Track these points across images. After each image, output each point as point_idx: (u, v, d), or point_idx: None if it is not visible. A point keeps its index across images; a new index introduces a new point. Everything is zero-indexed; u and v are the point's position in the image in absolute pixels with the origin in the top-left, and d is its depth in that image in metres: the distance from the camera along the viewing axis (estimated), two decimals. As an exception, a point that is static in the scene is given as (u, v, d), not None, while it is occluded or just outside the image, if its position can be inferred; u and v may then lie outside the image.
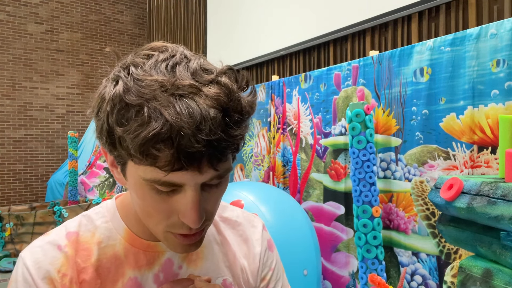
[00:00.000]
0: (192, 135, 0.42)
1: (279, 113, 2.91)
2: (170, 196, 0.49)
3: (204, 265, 0.64)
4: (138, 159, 0.45)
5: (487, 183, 1.10)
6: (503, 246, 1.04)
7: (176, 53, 0.49)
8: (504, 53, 1.63)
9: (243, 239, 0.69)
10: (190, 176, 0.46)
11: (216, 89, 0.45)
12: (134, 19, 7.21)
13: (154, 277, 0.60)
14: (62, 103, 6.53)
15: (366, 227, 1.96)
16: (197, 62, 0.48)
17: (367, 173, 1.99)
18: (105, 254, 0.59)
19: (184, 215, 0.49)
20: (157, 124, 0.42)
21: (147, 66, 0.47)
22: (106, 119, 0.46)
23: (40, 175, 6.38)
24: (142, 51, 0.50)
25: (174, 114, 0.42)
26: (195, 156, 0.43)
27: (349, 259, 2.31)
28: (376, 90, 2.18)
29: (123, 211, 0.62)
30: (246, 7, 4.19)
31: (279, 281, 0.71)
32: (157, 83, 0.44)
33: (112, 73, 0.49)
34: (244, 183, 2.42)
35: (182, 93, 0.44)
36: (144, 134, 0.42)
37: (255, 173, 3.11)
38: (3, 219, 4.16)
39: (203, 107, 0.43)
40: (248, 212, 0.74)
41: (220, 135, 0.44)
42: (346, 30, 2.96)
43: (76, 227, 0.60)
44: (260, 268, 0.68)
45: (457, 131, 1.80)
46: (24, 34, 6.27)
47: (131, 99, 0.44)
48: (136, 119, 0.43)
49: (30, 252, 0.57)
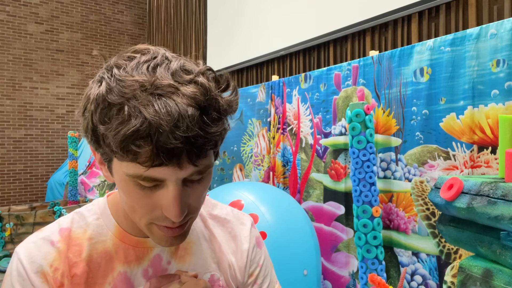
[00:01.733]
0: (170, 132, 0.44)
1: (279, 113, 2.91)
2: (153, 191, 0.51)
3: (192, 260, 0.66)
4: (120, 155, 0.47)
5: (487, 183, 1.10)
6: (503, 246, 1.04)
7: (157, 55, 0.51)
8: (504, 53, 1.63)
9: (232, 236, 0.71)
10: (171, 172, 0.48)
11: (193, 88, 0.47)
12: (134, 19, 7.21)
13: (143, 272, 0.62)
14: (62, 103, 6.53)
15: (366, 227, 1.96)
16: (177, 63, 0.50)
17: (367, 173, 1.99)
18: (96, 250, 0.61)
19: (167, 209, 0.51)
20: (137, 122, 0.44)
21: (129, 68, 0.49)
22: (91, 118, 0.49)
23: (40, 175, 6.38)
24: (126, 53, 0.53)
25: (152, 112, 0.44)
26: (173, 152, 0.46)
27: (349, 259, 2.31)
28: (376, 90, 2.18)
29: (114, 208, 0.64)
30: (246, 7, 4.19)
31: (267, 277, 0.73)
32: (138, 83, 0.47)
33: (98, 75, 0.52)
34: (244, 183, 2.42)
35: (161, 93, 0.46)
36: (124, 131, 0.45)
37: (255, 173, 3.11)
38: (3, 219, 4.16)
39: (181, 105, 0.45)
40: (237, 210, 0.77)
41: (197, 132, 0.46)
42: (346, 30, 2.96)
43: (69, 224, 0.62)
44: (248, 264, 0.70)
45: (457, 131, 1.80)
46: (24, 34, 6.27)
47: (113, 98, 0.47)
48: (117, 117, 0.46)
49: (24, 247, 0.59)
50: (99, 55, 0.55)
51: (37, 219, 4.12)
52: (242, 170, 3.35)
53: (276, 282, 0.75)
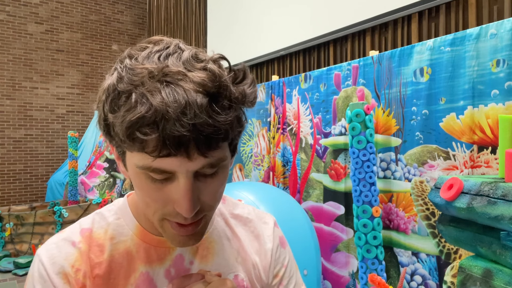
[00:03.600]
0: (177, 119, 0.43)
1: (279, 113, 2.91)
2: (164, 184, 0.49)
3: (216, 260, 0.64)
4: (128, 144, 0.47)
5: (487, 183, 1.10)
6: (503, 246, 1.04)
7: (170, 45, 0.51)
8: (504, 53, 1.63)
9: (255, 235, 0.69)
10: (180, 163, 0.46)
11: (202, 74, 0.46)
12: (134, 19, 7.21)
13: (165, 272, 0.61)
14: (62, 103, 6.53)
15: (366, 227, 1.96)
16: (190, 52, 0.49)
17: (367, 173, 1.99)
18: (117, 250, 0.60)
19: (177, 204, 0.49)
20: (143, 108, 0.43)
21: (141, 57, 0.49)
22: (102, 108, 0.49)
23: (40, 175, 6.38)
24: (140, 44, 0.52)
25: (159, 99, 0.43)
26: (181, 140, 0.44)
27: (349, 259, 2.31)
28: (376, 90, 2.18)
29: (134, 208, 0.63)
30: (246, 7, 4.19)
31: (292, 278, 0.71)
32: (147, 70, 0.46)
33: (112, 67, 0.51)
34: (244, 183, 2.42)
35: (169, 80, 0.45)
36: (129, 117, 0.44)
37: (255, 173, 3.11)
38: (3, 219, 4.16)
39: (189, 92, 0.44)
40: (259, 209, 0.75)
41: (204, 120, 0.44)
42: (346, 30, 2.96)
43: (90, 224, 0.62)
44: (272, 264, 0.68)
45: (457, 131, 1.80)
46: (24, 34, 6.27)
47: (122, 86, 0.46)
48: (125, 105, 0.45)
49: (45, 249, 0.59)
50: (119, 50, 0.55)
51: (37, 219, 4.12)
52: (242, 170, 3.35)
53: (302, 284, 0.73)
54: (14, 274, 3.74)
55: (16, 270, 3.77)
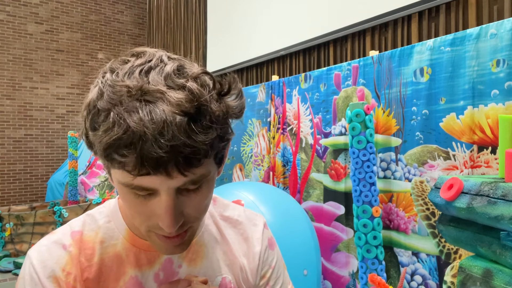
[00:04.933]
0: (154, 140, 0.42)
1: (279, 113, 2.91)
2: (147, 199, 0.49)
3: (204, 264, 0.65)
4: (106, 163, 0.47)
5: (487, 183, 1.10)
6: (503, 246, 1.04)
7: (153, 57, 0.49)
8: (504, 53, 1.63)
9: (244, 238, 0.70)
10: (160, 181, 0.46)
11: (180, 94, 0.45)
12: (134, 19, 7.21)
13: (155, 276, 0.61)
14: (62, 103, 6.53)
15: (366, 227, 1.96)
16: (172, 66, 0.48)
17: (367, 173, 1.99)
18: (107, 253, 0.60)
19: (160, 219, 0.49)
20: (120, 130, 0.43)
21: (122, 72, 0.48)
22: (84, 123, 0.49)
23: (40, 175, 6.38)
24: (123, 57, 0.51)
25: (137, 120, 0.42)
26: (159, 161, 0.43)
27: (349, 259, 2.31)
28: (376, 90, 2.18)
29: (124, 212, 0.63)
30: (246, 7, 4.19)
31: (279, 278, 0.72)
32: (126, 88, 0.45)
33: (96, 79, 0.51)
34: (244, 183, 2.42)
35: (148, 99, 0.44)
36: (106, 139, 0.43)
37: (255, 173, 3.11)
38: (3, 219, 4.16)
39: (168, 112, 0.43)
40: (251, 210, 0.75)
41: (183, 141, 0.43)
42: (346, 30, 2.96)
43: (80, 226, 0.62)
44: (260, 266, 0.69)
45: (457, 131, 1.80)
46: (24, 34, 6.27)
47: (102, 104, 0.45)
48: (103, 124, 0.44)
49: (36, 251, 0.59)
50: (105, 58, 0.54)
51: (37, 219, 4.12)
52: (242, 170, 3.35)
53: (289, 283, 0.74)
54: (14, 274, 3.74)
55: (16, 270, 3.77)
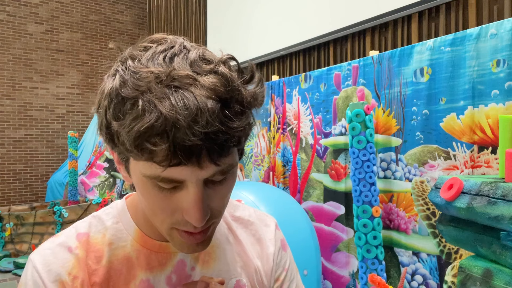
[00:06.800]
0: (188, 128, 0.40)
1: (279, 113, 2.91)
2: (173, 193, 0.47)
3: (217, 266, 0.62)
4: (135, 154, 0.44)
5: (487, 183, 1.10)
6: (503, 246, 1.04)
7: (175, 44, 0.48)
8: (504, 53, 1.63)
9: (256, 239, 0.67)
10: (190, 172, 0.44)
11: (213, 78, 0.43)
12: (134, 19, 7.21)
13: (167, 279, 0.58)
14: (62, 103, 6.53)
15: (366, 227, 1.96)
16: (197, 53, 0.46)
17: (367, 173, 1.99)
18: (116, 256, 0.57)
19: (187, 213, 0.47)
20: (151, 117, 0.40)
21: (144, 58, 0.45)
22: (104, 114, 0.46)
23: (40, 175, 6.38)
24: (142, 43, 0.49)
25: (168, 106, 0.40)
26: (192, 150, 0.41)
27: (349, 259, 2.31)
28: (376, 90, 2.18)
29: (133, 211, 0.60)
30: (246, 7, 4.19)
31: (293, 281, 0.69)
32: (153, 74, 0.43)
33: (112, 68, 0.48)
34: (244, 183, 2.42)
35: (178, 84, 0.42)
36: (137, 127, 0.41)
37: (255, 173, 3.11)
38: (3, 219, 4.16)
39: (200, 98, 0.41)
40: (260, 211, 0.73)
41: (218, 127, 0.41)
42: (346, 30, 2.96)
43: (87, 228, 0.58)
44: (274, 268, 0.67)
45: (458, 131, 1.80)
46: (24, 34, 6.27)
47: (127, 92, 0.43)
48: (131, 113, 0.42)
49: (40, 254, 0.55)
50: (116, 48, 0.51)
51: (37, 219, 4.12)
52: (242, 170, 3.35)
53: (302, 286, 0.71)
54: (14, 274, 3.74)
55: (16, 270, 3.77)
